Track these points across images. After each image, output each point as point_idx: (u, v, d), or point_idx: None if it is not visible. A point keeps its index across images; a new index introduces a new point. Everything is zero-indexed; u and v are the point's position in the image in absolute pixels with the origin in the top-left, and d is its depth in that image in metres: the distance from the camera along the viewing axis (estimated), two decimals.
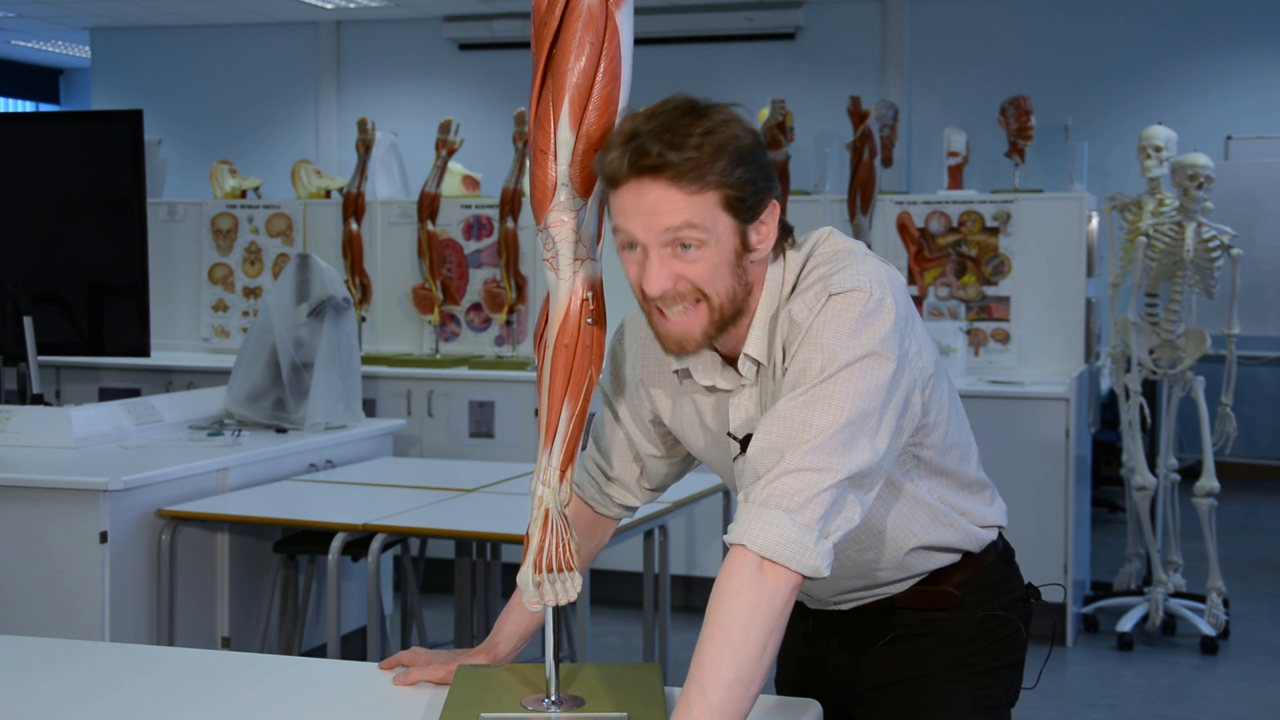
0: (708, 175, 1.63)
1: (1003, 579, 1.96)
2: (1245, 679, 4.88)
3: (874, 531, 1.84)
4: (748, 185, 1.66)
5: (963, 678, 1.90)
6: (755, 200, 1.68)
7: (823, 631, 2.00)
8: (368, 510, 3.75)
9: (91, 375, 6.32)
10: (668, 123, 1.64)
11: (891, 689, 1.93)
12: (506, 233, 6.11)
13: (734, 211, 1.66)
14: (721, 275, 1.68)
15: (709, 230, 1.65)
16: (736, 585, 1.54)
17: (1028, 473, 5.09)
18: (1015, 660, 1.96)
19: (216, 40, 10.99)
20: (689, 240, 1.65)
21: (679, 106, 1.67)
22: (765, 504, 1.56)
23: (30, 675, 2.03)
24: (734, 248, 1.68)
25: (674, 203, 1.64)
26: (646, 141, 1.63)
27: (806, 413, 1.59)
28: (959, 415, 1.87)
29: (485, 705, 1.78)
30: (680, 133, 1.63)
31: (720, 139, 1.64)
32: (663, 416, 1.93)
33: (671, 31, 9.66)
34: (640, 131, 1.64)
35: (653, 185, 1.64)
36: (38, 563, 3.66)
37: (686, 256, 1.66)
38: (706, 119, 1.65)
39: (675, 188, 1.63)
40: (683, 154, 1.62)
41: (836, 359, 1.61)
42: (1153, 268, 5.25)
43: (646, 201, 1.64)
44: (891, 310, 1.65)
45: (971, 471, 1.91)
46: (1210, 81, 8.90)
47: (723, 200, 1.65)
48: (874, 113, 5.65)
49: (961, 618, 1.92)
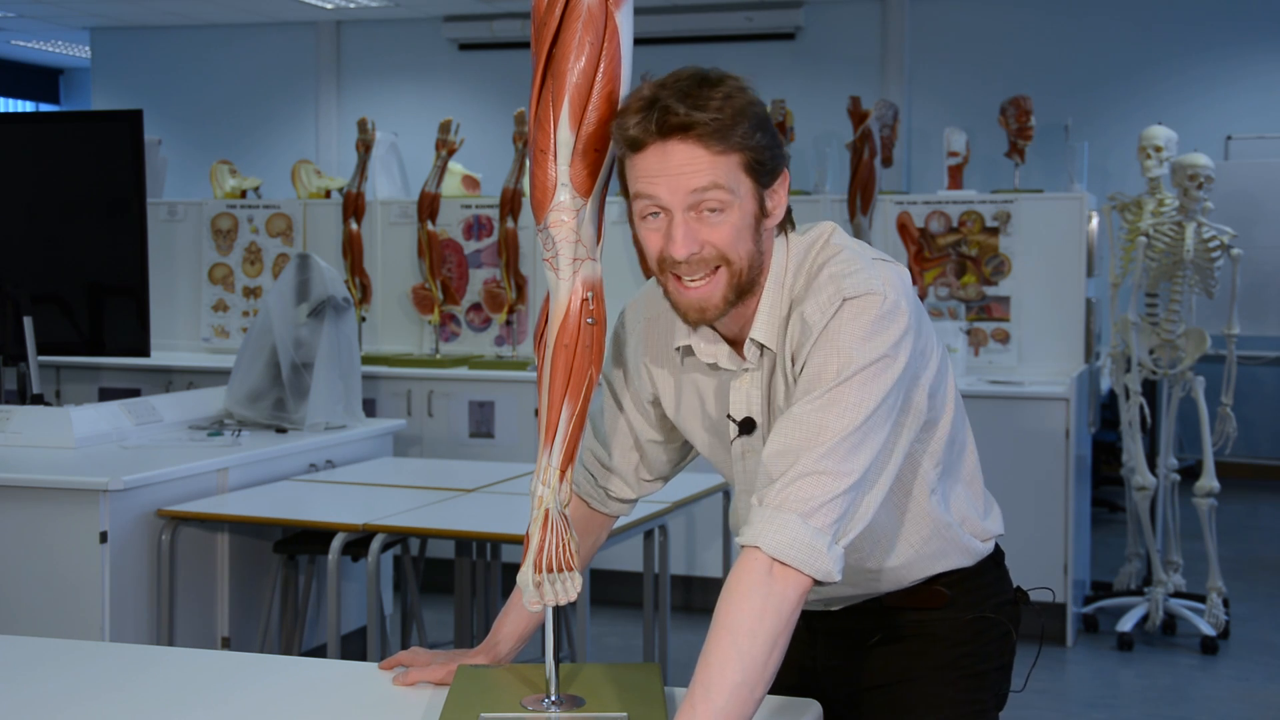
0: (732, 136, 1.65)
1: (992, 581, 1.96)
2: (1245, 679, 4.88)
3: (876, 540, 1.84)
4: (767, 150, 1.68)
5: (951, 680, 1.91)
6: (773, 165, 1.70)
7: (812, 632, 2.00)
8: (368, 510, 3.75)
9: (91, 375, 6.32)
10: (687, 88, 1.66)
11: (880, 691, 1.93)
12: (506, 233, 6.11)
13: (754, 175, 1.68)
14: (743, 239, 1.70)
15: (733, 192, 1.67)
16: (746, 588, 1.54)
17: (1028, 473, 5.09)
18: (1004, 663, 1.97)
19: (216, 40, 10.99)
20: (714, 203, 1.66)
21: (693, 75, 1.68)
22: (780, 507, 1.56)
23: (30, 675, 2.03)
24: (754, 211, 1.70)
25: (701, 163, 1.65)
26: (672, 102, 1.64)
27: (822, 416, 1.60)
28: (959, 411, 1.88)
29: (485, 705, 1.78)
30: (701, 97, 1.65)
31: (739, 103, 1.66)
32: (663, 401, 1.94)
33: (671, 31, 9.65)
34: (660, 95, 1.65)
35: (680, 145, 1.65)
36: (38, 563, 3.66)
37: (710, 220, 1.67)
38: (723, 85, 1.67)
39: (702, 147, 1.65)
40: (708, 113, 1.64)
41: (853, 362, 1.62)
42: (1153, 268, 5.25)
43: (673, 162, 1.65)
44: (905, 314, 1.67)
45: (970, 469, 1.91)
46: (1210, 81, 8.90)
47: (745, 163, 1.67)
48: (874, 113, 5.65)
49: (951, 619, 1.92)
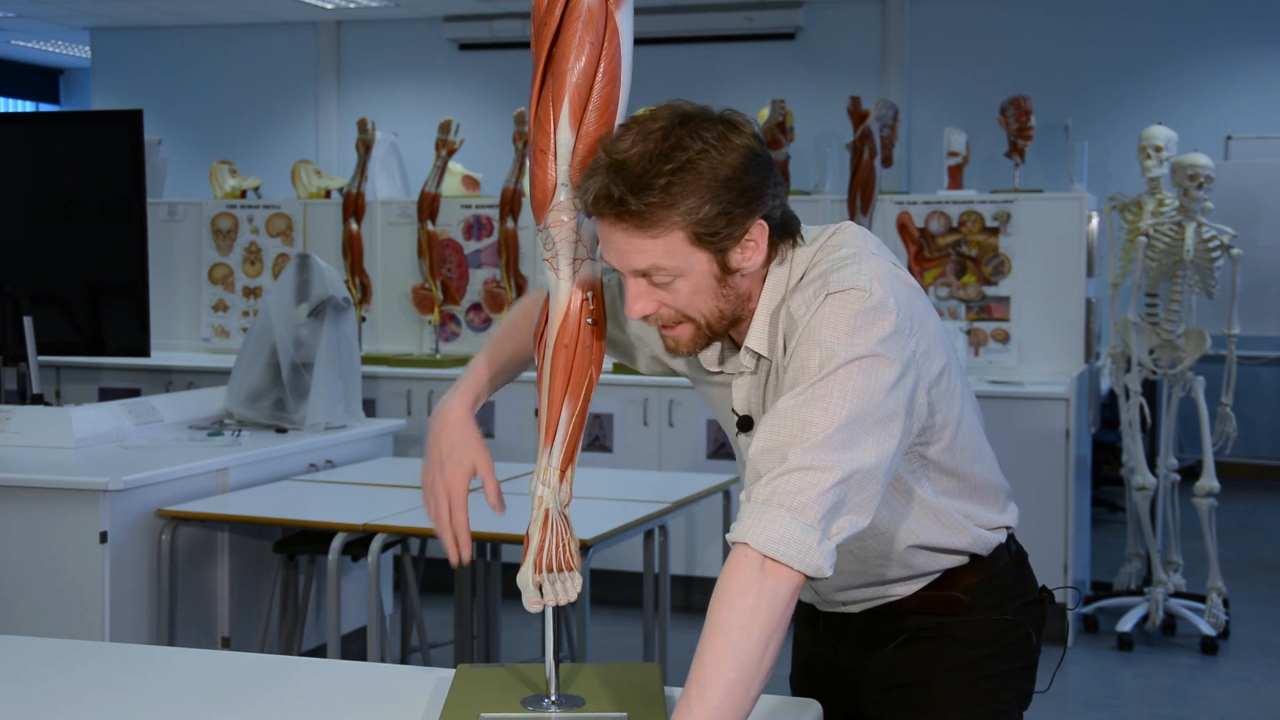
0: (671, 217, 1.62)
1: (1014, 582, 1.95)
2: (1245, 679, 4.88)
3: (876, 531, 1.83)
4: (720, 219, 1.63)
5: (972, 680, 1.90)
6: (730, 230, 1.65)
7: (834, 633, 2.00)
8: (368, 510, 3.75)
9: (91, 375, 6.32)
10: (643, 151, 1.62)
11: (901, 691, 1.93)
12: (506, 233, 6.11)
13: (705, 245, 1.65)
14: (701, 299, 1.69)
15: (679, 266, 1.66)
16: (738, 586, 1.53)
17: (1028, 473, 5.08)
18: (1027, 664, 1.95)
19: (216, 40, 10.98)
20: (659, 280, 1.67)
21: (664, 127, 1.64)
22: (768, 503, 1.55)
23: (30, 675, 2.03)
24: (712, 274, 1.68)
25: (638, 246, 1.64)
26: (610, 184, 1.61)
27: (806, 411, 1.58)
28: (972, 417, 1.85)
29: (485, 705, 1.78)
30: (649, 171, 1.61)
31: (692, 174, 1.61)
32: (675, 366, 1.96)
33: (671, 31, 9.65)
34: (614, 163, 1.62)
35: (615, 228, 1.64)
36: (38, 563, 3.66)
37: (664, 287, 1.68)
38: (683, 150, 1.62)
39: (637, 232, 1.63)
40: (644, 199, 1.61)
41: (835, 357, 1.60)
42: (1153, 268, 5.25)
43: (614, 240, 1.66)
44: (893, 311, 1.64)
45: (982, 474, 1.88)
46: (1210, 81, 8.90)
47: (690, 237, 1.64)
48: (874, 113, 5.65)
49: (972, 621, 1.90)
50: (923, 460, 1.80)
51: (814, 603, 2.00)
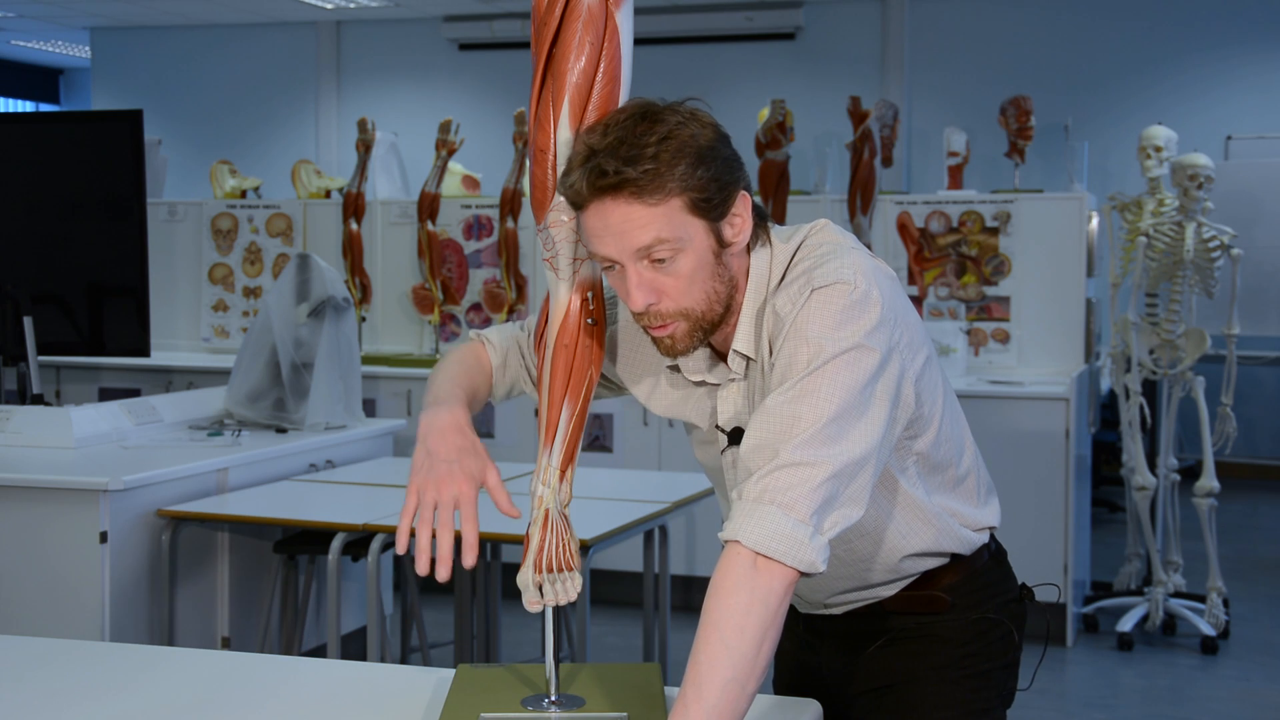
0: (668, 183, 1.62)
1: (994, 581, 1.95)
2: (1245, 679, 4.88)
3: (864, 533, 1.83)
4: (712, 184, 1.64)
5: (955, 680, 1.90)
6: (722, 197, 1.66)
7: (816, 635, 2.00)
8: (368, 510, 3.75)
9: (91, 375, 6.32)
10: (622, 135, 1.63)
11: (885, 692, 1.93)
12: (506, 233, 6.11)
13: (702, 213, 1.65)
14: (701, 280, 1.68)
15: (681, 239, 1.65)
16: (731, 584, 1.53)
17: (1027, 473, 5.08)
18: (1009, 662, 1.95)
19: (216, 40, 10.99)
20: (663, 253, 1.65)
21: (633, 115, 1.65)
22: (759, 500, 1.55)
23: (30, 675, 2.03)
24: (710, 247, 1.68)
25: (639, 219, 1.63)
26: (602, 160, 1.61)
27: (795, 407, 1.58)
28: (953, 411, 1.86)
29: (485, 705, 1.78)
30: (635, 144, 1.62)
31: (677, 142, 1.62)
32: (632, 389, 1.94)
33: (671, 31, 9.66)
34: (596, 149, 1.63)
35: (615, 204, 1.63)
36: (38, 563, 3.66)
37: (664, 269, 1.66)
38: (661, 124, 1.63)
39: (638, 203, 1.62)
40: (640, 167, 1.61)
41: (822, 352, 1.60)
42: (1153, 268, 5.25)
43: (613, 221, 1.64)
44: (877, 303, 1.64)
45: (964, 469, 1.89)
46: (1210, 81, 8.90)
47: (688, 204, 1.64)
48: (874, 113, 5.65)
49: (954, 620, 1.91)
50: (913, 455, 1.80)
51: (795, 604, 2.00)
